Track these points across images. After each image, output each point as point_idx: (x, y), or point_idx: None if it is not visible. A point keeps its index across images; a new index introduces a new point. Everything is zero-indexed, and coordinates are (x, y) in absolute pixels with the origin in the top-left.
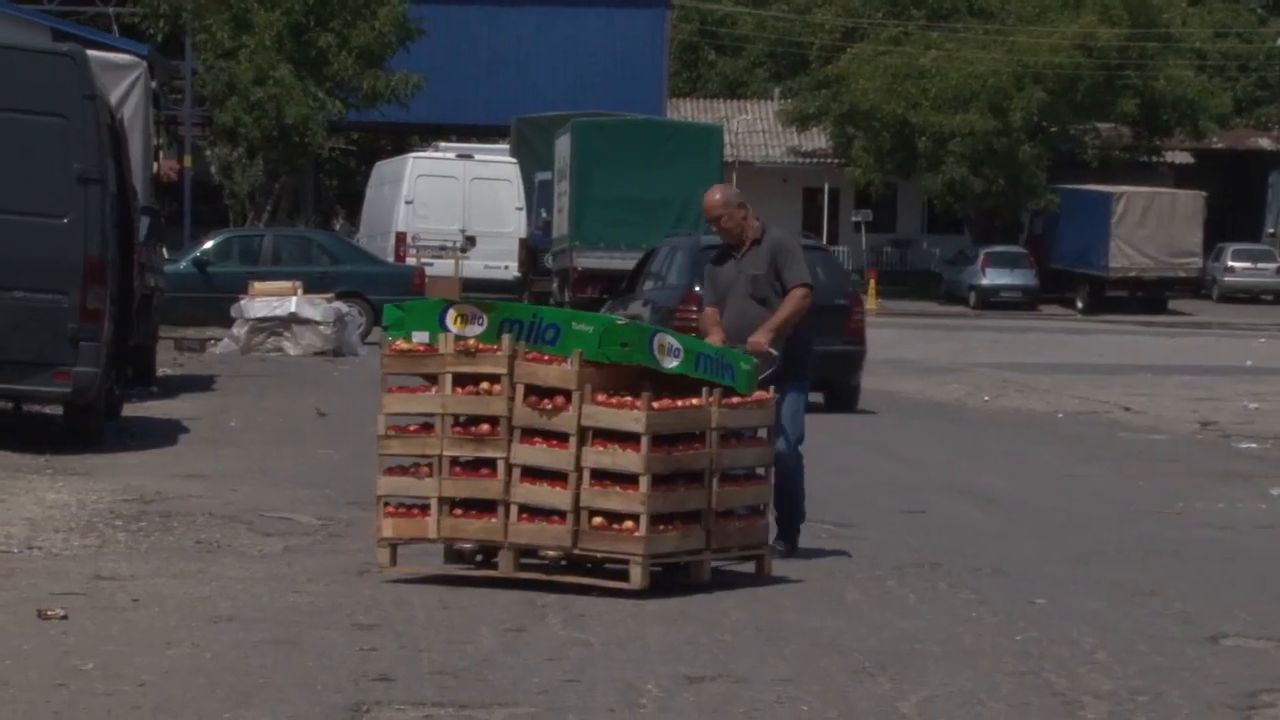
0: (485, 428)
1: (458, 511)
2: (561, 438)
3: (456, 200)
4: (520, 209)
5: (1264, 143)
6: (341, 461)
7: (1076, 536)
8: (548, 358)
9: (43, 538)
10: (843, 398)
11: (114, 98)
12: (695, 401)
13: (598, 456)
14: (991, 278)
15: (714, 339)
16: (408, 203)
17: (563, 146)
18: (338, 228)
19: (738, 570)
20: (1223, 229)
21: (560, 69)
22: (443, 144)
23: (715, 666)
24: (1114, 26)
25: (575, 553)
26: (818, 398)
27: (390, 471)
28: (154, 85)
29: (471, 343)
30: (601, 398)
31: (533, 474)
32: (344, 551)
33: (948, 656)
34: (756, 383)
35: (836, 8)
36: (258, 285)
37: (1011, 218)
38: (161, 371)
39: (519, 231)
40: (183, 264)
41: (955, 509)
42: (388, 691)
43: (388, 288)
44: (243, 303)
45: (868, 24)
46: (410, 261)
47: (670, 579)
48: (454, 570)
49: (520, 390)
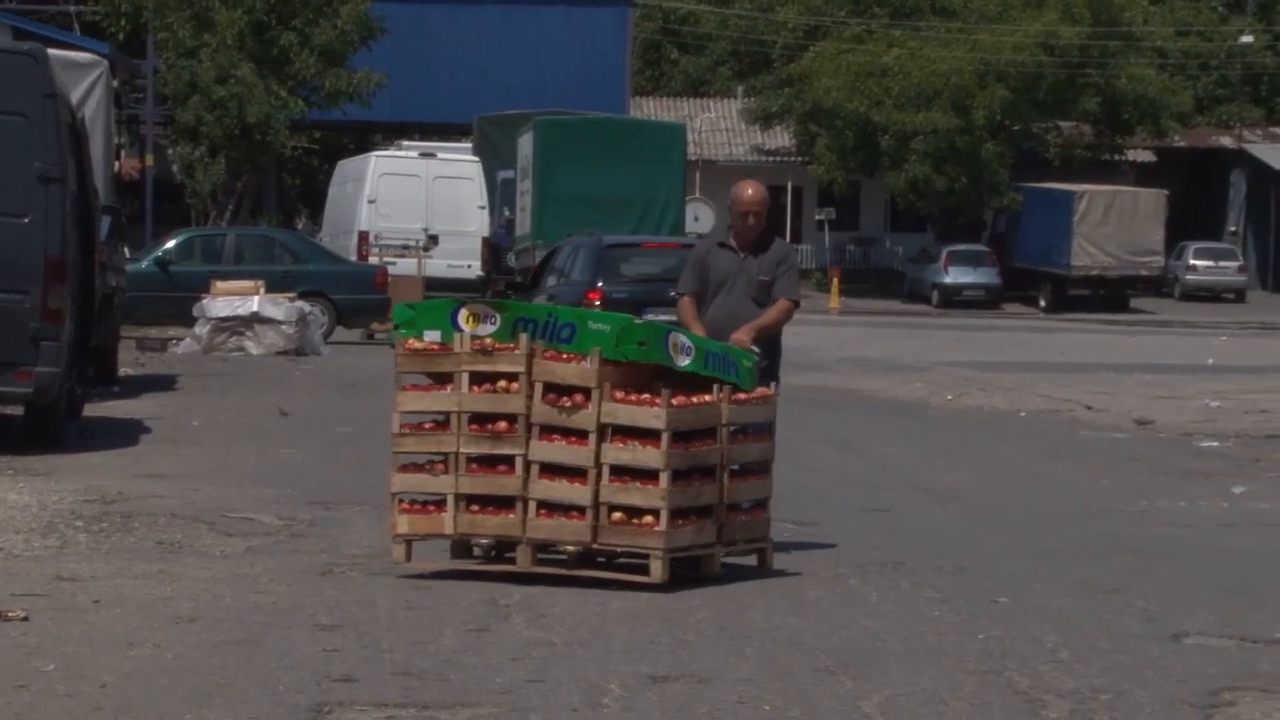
0: (503, 425)
1: (474, 508)
2: (581, 434)
3: (419, 199)
4: (483, 208)
5: (1225, 141)
6: (304, 461)
7: (1039, 535)
8: (566, 356)
9: (3, 539)
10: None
11: (75, 97)
12: (708, 398)
13: (618, 453)
14: (954, 276)
15: (694, 332)
16: (370, 202)
17: (525, 145)
18: (300, 227)
19: (740, 563)
20: (1184, 227)
21: (522, 67)
22: (405, 143)
23: (678, 666)
24: (1076, 25)
25: (594, 547)
26: None
27: (405, 469)
28: (115, 84)
29: (488, 341)
30: (620, 395)
31: (551, 470)
32: (306, 552)
33: (910, 655)
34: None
35: (799, 6)
36: (220, 284)
37: (974, 216)
38: (123, 371)
39: (482, 230)
40: (145, 263)
41: (918, 507)
42: (350, 692)
43: (350, 287)
44: (205, 302)
45: (830, 22)
46: (373, 260)
47: (682, 572)
48: (465, 565)
49: (539, 388)
